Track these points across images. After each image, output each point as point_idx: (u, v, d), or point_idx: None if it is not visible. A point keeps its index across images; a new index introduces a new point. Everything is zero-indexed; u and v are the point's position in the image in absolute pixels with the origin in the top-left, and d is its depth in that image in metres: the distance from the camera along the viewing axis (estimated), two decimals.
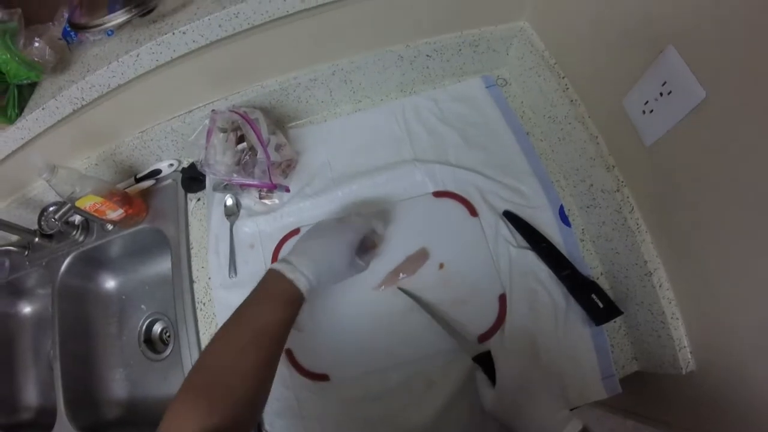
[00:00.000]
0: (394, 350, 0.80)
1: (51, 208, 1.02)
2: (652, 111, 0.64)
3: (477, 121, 0.97)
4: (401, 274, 0.84)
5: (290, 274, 0.63)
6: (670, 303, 0.72)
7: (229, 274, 0.90)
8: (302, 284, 0.63)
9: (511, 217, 0.87)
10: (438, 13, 0.87)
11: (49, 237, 1.03)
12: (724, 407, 0.69)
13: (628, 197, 0.76)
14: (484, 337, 0.79)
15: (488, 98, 0.99)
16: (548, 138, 0.93)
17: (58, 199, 0.99)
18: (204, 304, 0.90)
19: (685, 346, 0.71)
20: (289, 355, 0.82)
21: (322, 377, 0.80)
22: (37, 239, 1.01)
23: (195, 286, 0.92)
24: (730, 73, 0.49)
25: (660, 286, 0.72)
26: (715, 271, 0.62)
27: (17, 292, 1.14)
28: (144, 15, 0.78)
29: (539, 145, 0.94)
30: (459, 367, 0.78)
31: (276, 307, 0.62)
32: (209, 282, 0.91)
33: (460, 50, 0.94)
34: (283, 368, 0.81)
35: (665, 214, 0.69)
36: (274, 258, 0.89)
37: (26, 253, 1.05)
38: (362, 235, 0.71)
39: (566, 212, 0.88)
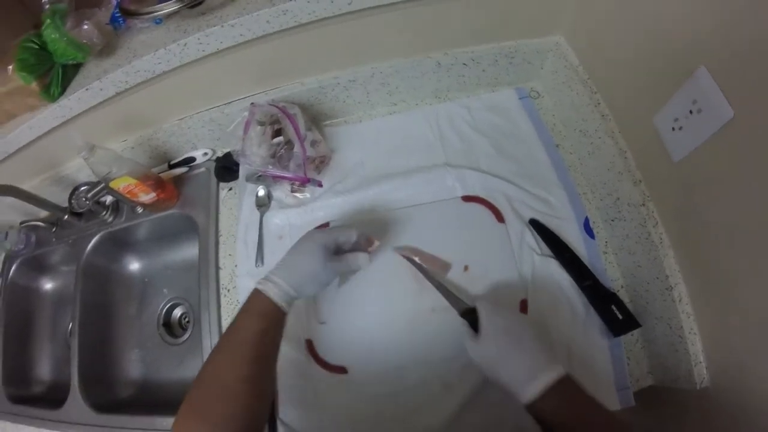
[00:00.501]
0: (414, 349, 0.82)
1: (83, 188, 1.05)
2: (681, 128, 0.66)
3: (508, 131, 0.99)
4: (417, 258, 0.87)
5: (261, 286, 0.68)
6: (689, 318, 0.73)
7: (256, 263, 0.92)
8: (274, 293, 0.67)
9: (537, 226, 0.89)
10: (478, 23, 0.90)
11: (79, 215, 1.06)
12: (737, 425, 0.71)
13: (653, 212, 0.78)
14: None
15: (521, 110, 1.01)
16: (577, 151, 0.96)
17: (92, 179, 1.02)
18: (228, 290, 0.93)
19: (701, 362, 0.72)
20: (310, 345, 0.84)
21: (341, 370, 0.82)
22: (66, 216, 1.04)
23: (221, 272, 0.95)
24: (758, 95, 0.52)
25: (680, 300, 0.74)
26: (737, 290, 0.64)
27: (41, 267, 1.17)
28: (193, 6, 0.80)
29: (568, 158, 0.97)
30: (477, 374, 0.79)
31: (254, 319, 0.66)
32: (235, 270, 0.93)
33: (496, 61, 0.97)
34: (302, 358, 0.83)
35: (689, 230, 0.71)
36: None
37: (54, 229, 1.08)
38: (328, 239, 0.73)
39: (591, 224, 0.90)
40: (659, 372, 0.81)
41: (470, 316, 0.73)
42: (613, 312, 0.82)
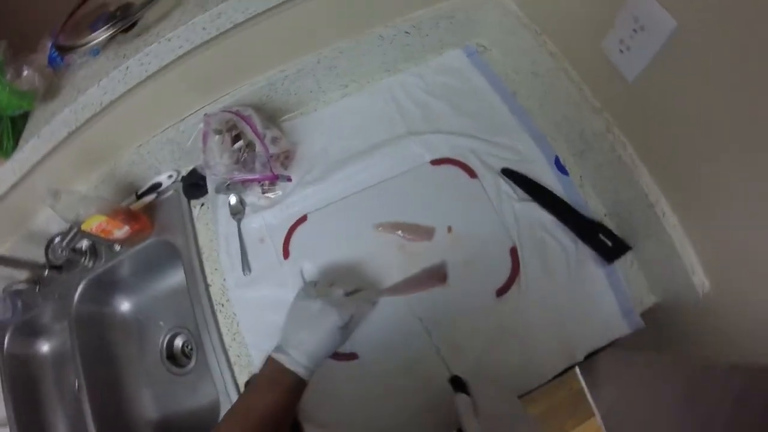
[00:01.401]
0: (416, 319, 0.84)
1: (56, 239, 1.04)
2: (629, 48, 0.68)
3: (464, 90, 1.01)
4: (400, 231, 0.89)
5: (291, 366, 0.69)
6: (676, 229, 0.75)
7: (243, 271, 0.93)
8: (303, 373, 0.69)
9: (509, 174, 0.91)
10: None
11: (59, 268, 1.05)
12: (740, 330, 0.73)
13: (619, 136, 0.79)
14: (502, 291, 0.83)
15: (471, 67, 1.04)
16: (534, 94, 0.98)
17: (63, 227, 1.01)
18: (222, 305, 0.93)
19: (698, 270, 0.74)
20: None
21: (351, 356, 0.84)
22: (47, 272, 1.03)
23: (211, 289, 0.95)
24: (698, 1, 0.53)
25: (663, 215, 0.75)
26: (714, 192, 0.66)
27: (34, 331, 1.15)
28: (127, 30, 0.81)
29: (526, 103, 0.99)
30: (484, 328, 0.82)
31: (281, 395, 0.68)
32: (224, 283, 0.94)
33: (437, 24, 0.98)
34: None
35: (657, 145, 0.73)
36: (286, 247, 0.92)
37: (37, 288, 1.07)
38: (348, 317, 0.74)
39: (562, 162, 0.92)
40: (660, 289, 0.83)
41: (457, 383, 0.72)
42: (602, 240, 0.84)
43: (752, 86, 0.52)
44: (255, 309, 0.90)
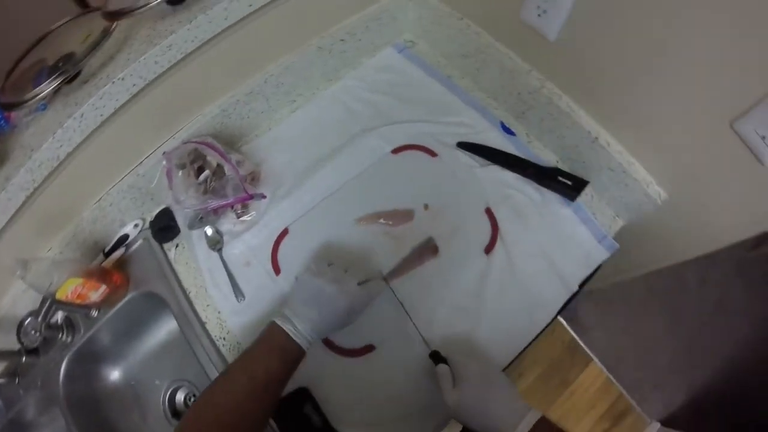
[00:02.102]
0: (416, 293, 0.88)
1: (28, 319, 0.98)
2: (545, 11, 0.80)
3: (403, 83, 1.10)
4: (381, 220, 0.94)
5: (297, 338, 0.71)
6: (622, 154, 0.87)
7: (237, 299, 0.93)
8: (305, 346, 0.71)
9: (465, 146, 1.00)
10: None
11: (35, 352, 0.97)
12: (700, 222, 0.84)
13: (553, 89, 0.91)
14: (489, 248, 0.90)
15: (405, 61, 1.13)
16: (468, 73, 1.09)
17: (32, 305, 0.96)
18: (224, 338, 0.91)
19: (651, 182, 0.85)
20: (330, 344, 0.86)
21: (368, 349, 0.86)
22: (24, 359, 0.96)
23: (207, 326, 0.93)
24: None
25: (608, 145, 0.87)
26: (642, 112, 0.79)
27: (22, 429, 1.06)
28: (71, 80, 0.82)
29: (463, 82, 1.10)
30: (483, 284, 0.88)
31: (283, 363, 0.70)
32: (220, 316, 0.93)
33: (367, 27, 1.07)
34: (329, 359, 0.85)
35: (587, 88, 0.85)
36: (275, 264, 0.94)
37: (17, 380, 0.99)
38: (360, 308, 0.79)
39: (507, 125, 1.02)
40: (624, 211, 0.93)
41: (436, 357, 0.77)
42: (562, 182, 0.94)
43: (648, 19, 0.66)
44: (259, 331, 0.89)
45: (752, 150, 0.66)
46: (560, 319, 1.87)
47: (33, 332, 0.96)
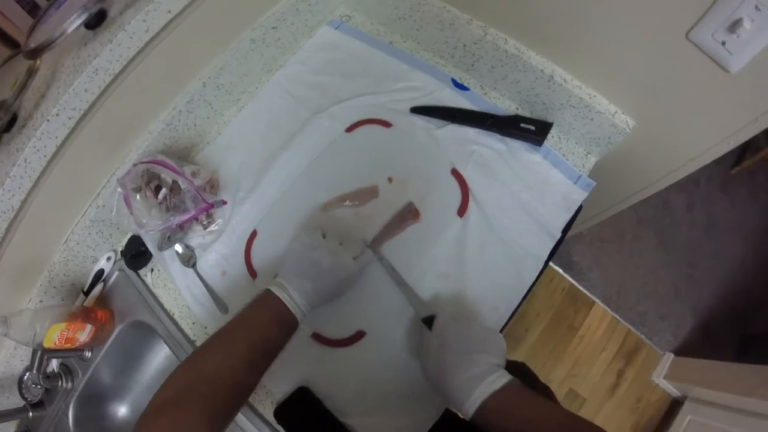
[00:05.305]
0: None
1: (26, 376, 1.03)
2: None
3: (345, 58, 1.14)
4: (347, 202, 0.98)
5: (293, 308, 0.75)
6: (581, 88, 0.90)
7: (221, 311, 0.97)
8: (299, 316, 0.75)
9: (419, 110, 1.04)
10: None
11: (40, 405, 1.03)
12: (671, 145, 0.88)
13: (497, 34, 0.95)
14: (462, 210, 0.94)
15: (343, 36, 1.17)
16: (409, 36, 1.12)
17: (26, 361, 1.02)
18: None
19: (616, 111, 0.89)
20: (319, 338, 0.90)
21: (359, 335, 0.90)
22: (31, 414, 1.01)
23: (197, 344, 0.98)
24: None
25: (565, 81, 0.90)
26: (594, 42, 0.82)
27: None
28: (9, 128, 0.86)
29: (405, 46, 1.13)
30: (464, 248, 0.92)
31: (282, 333, 0.74)
32: (206, 331, 0.98)
33: (297, 10, 1.10)
34: (322, 354, 0.89)
35: (533, 26, 0.89)
36: (249, 268, 0.98)
37: None
38: (353, 283, 0.84)
39: (459, 81, 1.06)
40: (594, 147, 0.97)
41: (430, 322, 0.79)
42: (525, 128, 0.98)
43: None
44: None
45: (713, 58, 0.69)
46: (555, 267, 1.94)
47: (33, 386, 1.01)
